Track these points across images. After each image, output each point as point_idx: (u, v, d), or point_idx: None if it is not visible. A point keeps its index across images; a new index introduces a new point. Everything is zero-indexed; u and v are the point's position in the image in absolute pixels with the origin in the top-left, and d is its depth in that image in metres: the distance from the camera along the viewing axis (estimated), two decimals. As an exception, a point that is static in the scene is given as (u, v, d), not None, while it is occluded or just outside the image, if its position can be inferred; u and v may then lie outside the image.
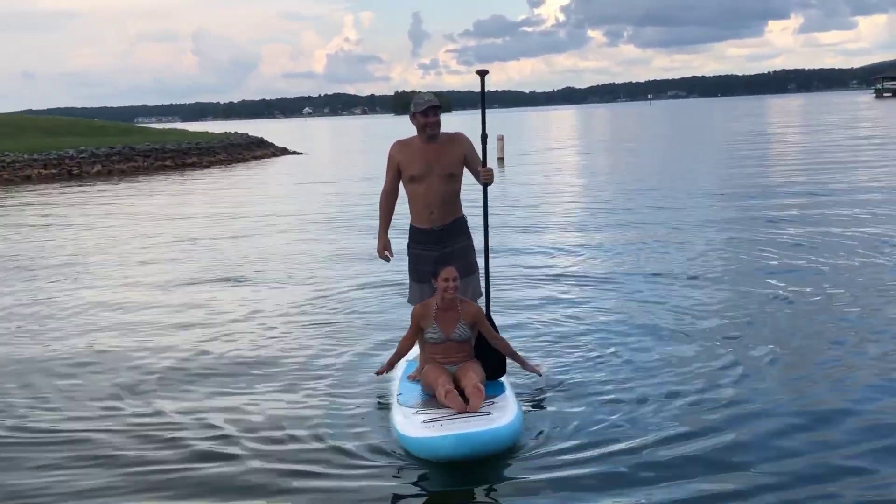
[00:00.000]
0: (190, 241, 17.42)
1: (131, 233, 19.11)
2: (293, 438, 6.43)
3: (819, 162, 29.13)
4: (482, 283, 7.13)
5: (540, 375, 7.08)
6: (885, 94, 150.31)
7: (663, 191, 22.61)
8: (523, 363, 6.97)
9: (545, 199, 22.39)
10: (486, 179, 6.79)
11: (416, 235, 6.99)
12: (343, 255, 14.77)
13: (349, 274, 12.97)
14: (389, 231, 7.17)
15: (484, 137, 6.88)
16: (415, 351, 7.02)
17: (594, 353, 8.09)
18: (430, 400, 6.37)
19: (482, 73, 7.02)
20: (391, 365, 6.94)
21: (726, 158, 33.30)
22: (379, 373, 6.99)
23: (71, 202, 27.60)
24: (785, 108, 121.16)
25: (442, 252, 6.82)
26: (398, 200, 7.11)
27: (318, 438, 6.40)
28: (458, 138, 6.91)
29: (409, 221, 7.08)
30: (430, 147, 6.76)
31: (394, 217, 7.16)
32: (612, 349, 8.20)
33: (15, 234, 19.49)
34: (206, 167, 45.35)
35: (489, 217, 7.01)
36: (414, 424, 5.94)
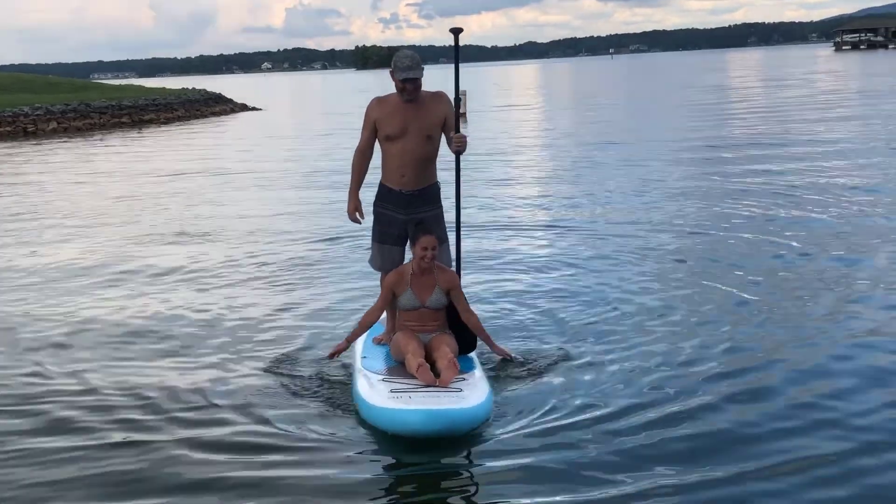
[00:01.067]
0: (145, 197, 17.10)
1: (84, 190, 18.70)
2: (242, 406, 6.12)
3: (781, 116, 29.18)
4: (452, 255, 6.80)
5: (510, 359, 6.57)
6: (843, 48, 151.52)
7: (630, 145, 22.50)
8: (492, 344, 6.54)
9: (507, 155, 22.13)
10: (458, 146, 6.38)
11: (384, 195, 6.56)
12: (303, 212, 14.58)
13: (308, 230, 12.78)
14: (361, 190, 6.74)
15: (457, 101, 6.45)
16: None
17: (559, 324, 7.71)
18: (398, 367, 6.04)
19: (456, 32, 6.50)
20: (350, 342, 6.50)
21: (694, 113, 33.24)
22: (332, 355, 6.48)
23: (26, 159, 26.97)
24: (747, 62, 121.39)
25: (413, 217, 6.42)
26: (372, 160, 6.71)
27: (269, 407, 6.07)
28: (440, 97, 6.44)
29: (379, 179, 6.64)
30: (410, 105, 6.31)
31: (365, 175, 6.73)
32: (578, 318, 7.84)
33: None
34: (164, 123, 44.78)
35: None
36: (380, 393, 5.58)
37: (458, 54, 6.53)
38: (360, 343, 6.66)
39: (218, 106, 55.27)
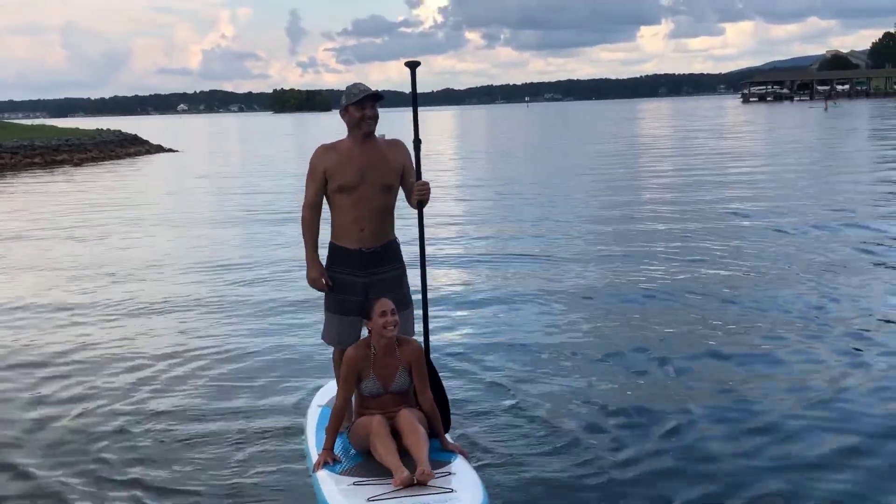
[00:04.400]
0: (58, 240, 16.62)
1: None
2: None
3: (689, 163, 29.88)
4: (418, 320, 5.87)
5: (465, 456, 5.21)
6: (751, 99, 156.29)
7: (543, 193, 22.75)
8: (442, 437, 5.33)
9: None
10: (421, 195, 5.58)
11: (339, 256, 5.64)
12: (228, 256, 14.22)
13: (241, 278, 12.46)
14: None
15: (417, 144, 5.63)
16: (329, 391, 5.92)
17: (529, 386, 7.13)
18: (365, 463, 5.03)
19: (412, 66, 5.67)
20: (331, 449, 5.23)
21: (610, 163, 33.73)
22: (318, 466, 5.15)
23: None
24: (660, 112, 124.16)
25: (374, 279, 5.58)
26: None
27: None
28: (397, 144, 5.71)
29: (329, 240, 5.73)
30: (365, 151, 5.53)
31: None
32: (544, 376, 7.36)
33: None
34: (78, 164, 43.72)
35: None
36: (354, 501, 4.55)
37: (415, 91, 5.74)
38: (311, 437, 5.75)
39: (133, 147, 54.43)
